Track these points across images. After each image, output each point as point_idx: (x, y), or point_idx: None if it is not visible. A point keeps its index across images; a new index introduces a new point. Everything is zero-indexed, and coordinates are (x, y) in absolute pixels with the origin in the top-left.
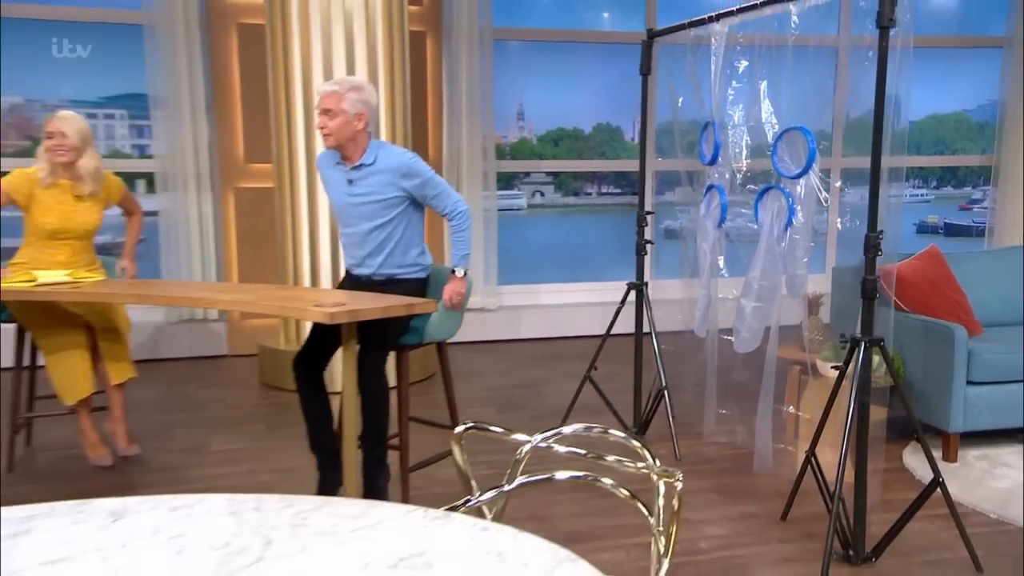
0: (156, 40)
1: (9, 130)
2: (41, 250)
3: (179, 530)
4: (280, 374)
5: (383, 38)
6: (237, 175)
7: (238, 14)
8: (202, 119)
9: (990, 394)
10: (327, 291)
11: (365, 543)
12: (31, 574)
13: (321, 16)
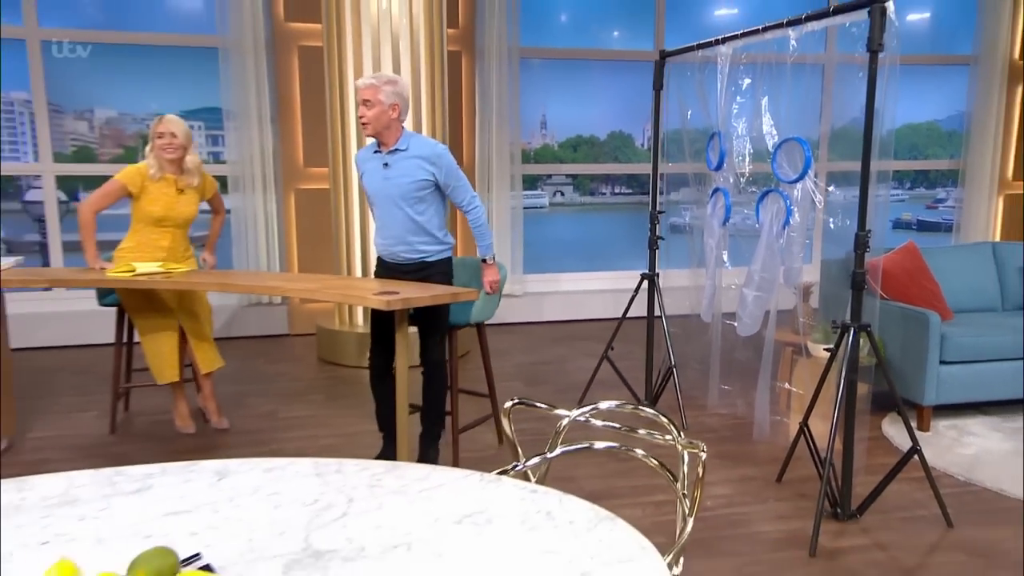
0: (229, 61)
1: (105, 140)
2: (147, 236)
3: (275, 488)
4: (335, 351)
5: (425, 58)
6: (297, 178)
7: (299, 38)
8: (268, 129)
9: (960, 372)
10: (380, 281)
11: (432, 502)
12: (157, 524)
13: (371, 39)
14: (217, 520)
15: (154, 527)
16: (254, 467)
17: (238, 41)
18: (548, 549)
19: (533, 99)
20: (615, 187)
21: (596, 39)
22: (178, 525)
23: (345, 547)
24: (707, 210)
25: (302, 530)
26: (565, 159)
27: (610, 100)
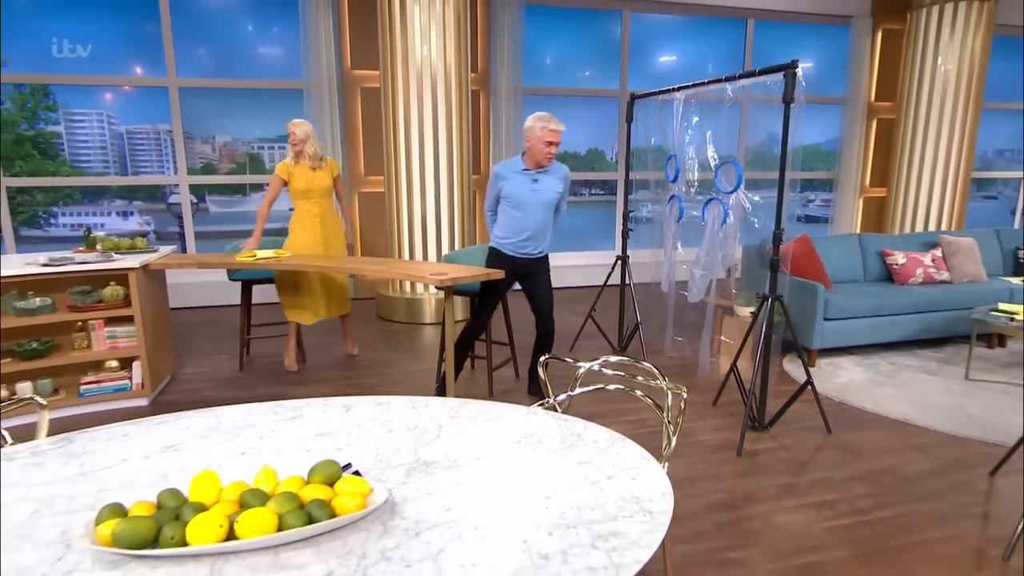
0: (311, 99)
1: (223, 157)
2: (302, 207)
3: (386, 418)
4: (390, 311)
5: (456, 95)
6: (360, 183)
7: (361, 81)
8: (338, 148)
9: (836, 326)
10: (431, 263)
11: (496, 428)
12: (311, 442)
13: (416, 82)
14: (352, 439)
15: (311, 444)
16: (368, 403)
17: (317, 84)
18: (582, 460)
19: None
20: (591, 189)
21: (572, 78)
22: (326, 443)
23: (443, 459)
24: (666, 210)
25: (411, 447)
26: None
27: (587, 125)
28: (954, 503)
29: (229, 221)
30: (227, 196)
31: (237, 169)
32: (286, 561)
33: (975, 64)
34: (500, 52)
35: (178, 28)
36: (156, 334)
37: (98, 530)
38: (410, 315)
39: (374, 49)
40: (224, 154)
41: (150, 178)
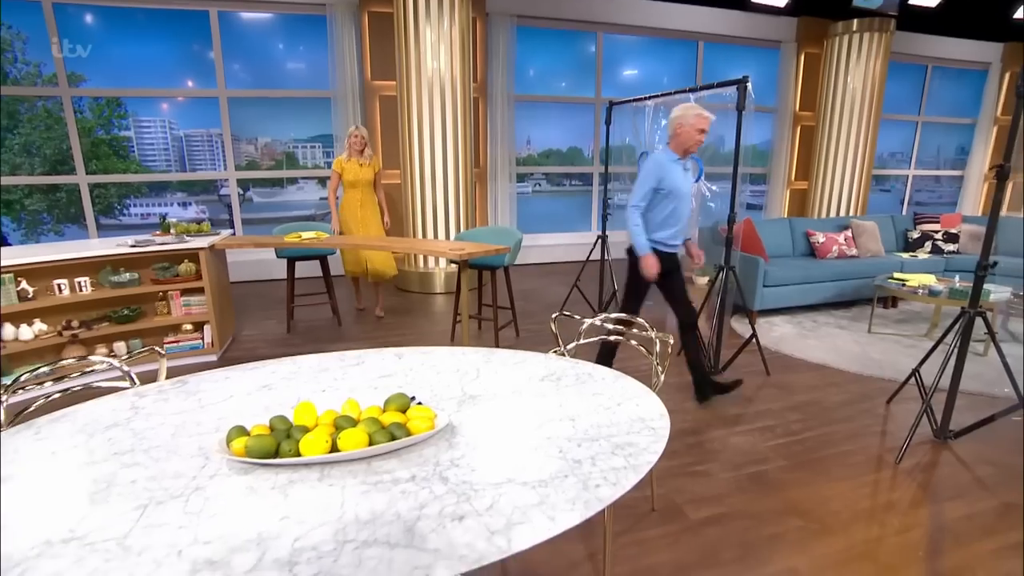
0: (337, 105)
1: (264, 156)
2: (349, 195)
3: (432, 363)
4: (406, 283)
5: (460, 102)
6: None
7: (380, 90)
8: None
9: (772, 292)
10: (447, 241)
11: (523, 370)
12: (376, 382)
13: (428, 90)
14: (408, 380)
15: (376, 383)
16: (415, 352)
17: (342, 93)
18: (595, 392)
19: (521, 125)
20: (571, 181)
21: (552, 88)
22: (388, 382)
23: (485, 393)
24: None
25: (458, 384)
26: (541, 163)
27: (568, 126)
28: (861, 424)
29: (270, 209)
30: (268, 188)
31: (276, 165)
32: (377, 467)
33: (876, 83)
34: (496, 64)
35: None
36: (221, 302)
37: (232, 445)
38: (423, 286)
39: (390, 63)
40: (265, 153)
41: (204, 174)
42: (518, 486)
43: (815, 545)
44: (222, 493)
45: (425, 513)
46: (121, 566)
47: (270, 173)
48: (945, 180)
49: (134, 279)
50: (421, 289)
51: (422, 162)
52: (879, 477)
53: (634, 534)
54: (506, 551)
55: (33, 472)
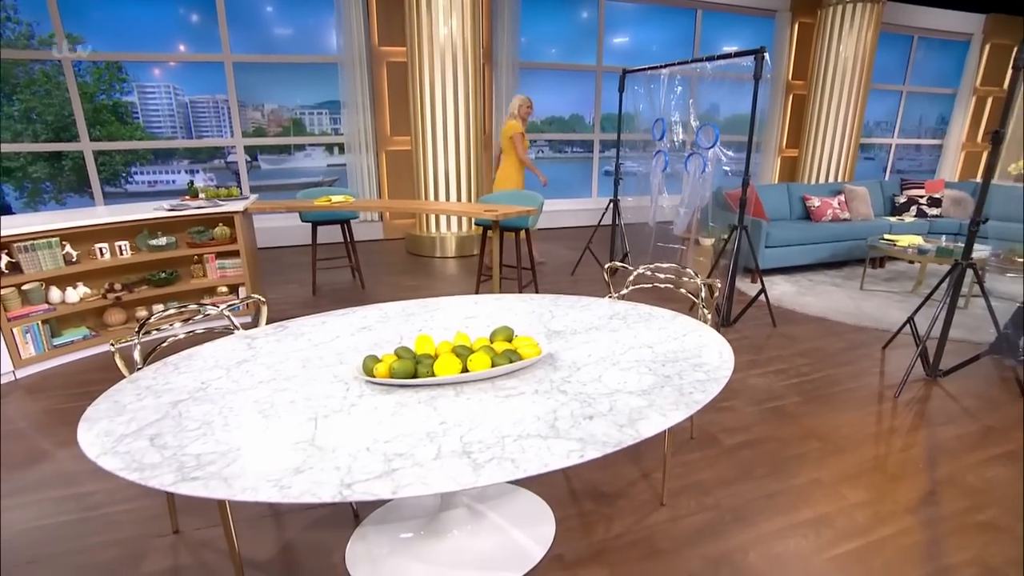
0: (344, 71)
1: (271, 123)
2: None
3: (508, 307)
4: (419, 247)
5: (472, 67)
6: (386, 143)
7: (387, 56)
8: (368, 112)
9: (774, 252)
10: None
11: (590, 311)
12: (464, 322)
13: (440, 57)
14: (491, 320)
15: (465, 323)
16: (488, 298)
17: (350, 58)
18: (660, 327)
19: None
20: (573, 148)
21: (550, 55)
22: (475, 322)
23: (565, 329)
24: (652, 163)
25: (539, 323)
26: (545, 130)
27: (570, 93)
28: (861, 367)
29: (279, 176)
30: (276, 155)
31: (283, 132)
32: (500, 386)
33: (866, 53)
34: (501, 31)
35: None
36: (252, 265)
37: (376, 368)
38: (435, 250)
39: (397, 28)
40: (272, 119)
41: (211, 140)
42: (626, 394)
43: (833, 461)
44: (376, 407)
45: (559, 415)
46: (323, 460)
47: (279, 140)
48: (925, 148)
49: (171, 243)
50: (432, 253)
51: (434, 128)
52: (881, 408)
53: (679, 457)
54: (637, 438)
55: (190, 396)
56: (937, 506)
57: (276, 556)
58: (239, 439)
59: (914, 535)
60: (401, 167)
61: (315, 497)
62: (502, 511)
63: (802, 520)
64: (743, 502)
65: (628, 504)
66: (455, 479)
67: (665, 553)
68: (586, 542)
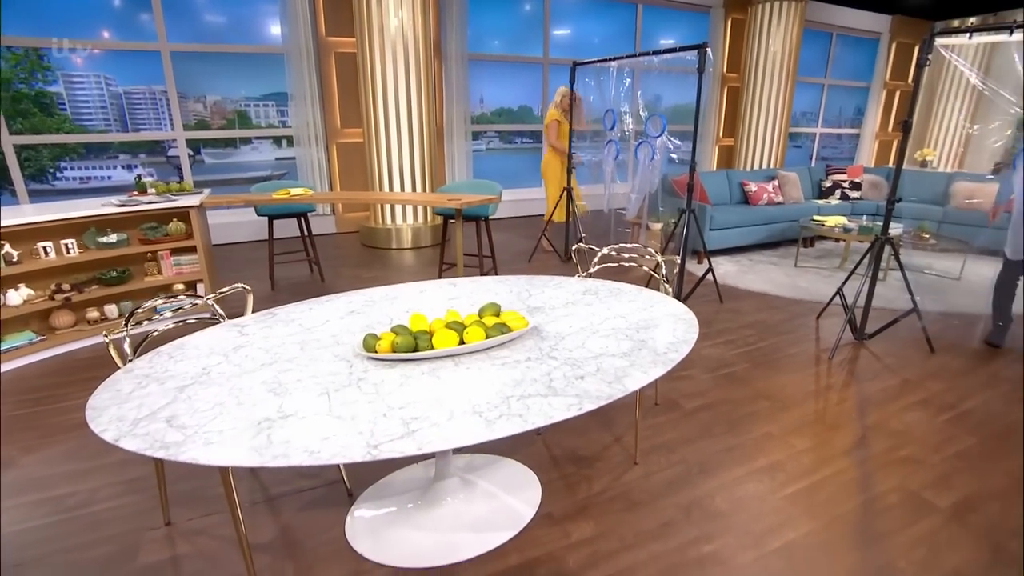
0: (290, 62)
1: (214, 115)
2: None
3: (487, 287)
4: (373, 239)
5: (423, 59)
6: (337, 135)
7: (335, 47)
8: (316, 104)
9: (717, 234)
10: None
11: (564, 289)
12: (448, 303)
13: (391, 48)
14: (474, 299)
15: (449, 304)
16: (465, 281)
17: (296, 49)
18: (629, 300)
19: (475, 85)
20: (523, 139)
21: (497, 47)
22: (458, 302)
23: (544, 305)
24: (604, 152)
25: (518, 300)
26: (494, 121)
27: (518, 85)
28: (799, 335)
29: (224, 171)
30: (220, 149)
31: (228, 125)
32: (494, 355)
33: (792, 48)
34: (449, 23)
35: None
36: (210, 261)
37: (379, 344)
38: (391, 242)
39: (345, 19)
40: (215, 111)
41: (150, 134)
42: (610, 357)
43: (781, 416)
44: (383, 380)
45: (553, 376)
46: (344, 428)
47: (223, 133)
48: (845, 137)
49: (123, 240)
50: (388, 245)
51: (387, 120)
52: (818, 369)
53: (646, 421)
54: (624, 391)
55: (194, 380)
56: (867, 448)
57: (276, 537)
58: (257, 415)
59: (850, 472)
60: (353, 160)
61: (345, 458)
62: (491, 479)
63: (758, 467)
64: (706, 456)
65: (605, 465)
66: (472, 434)
67: (642, 504)
68: (571, 500)
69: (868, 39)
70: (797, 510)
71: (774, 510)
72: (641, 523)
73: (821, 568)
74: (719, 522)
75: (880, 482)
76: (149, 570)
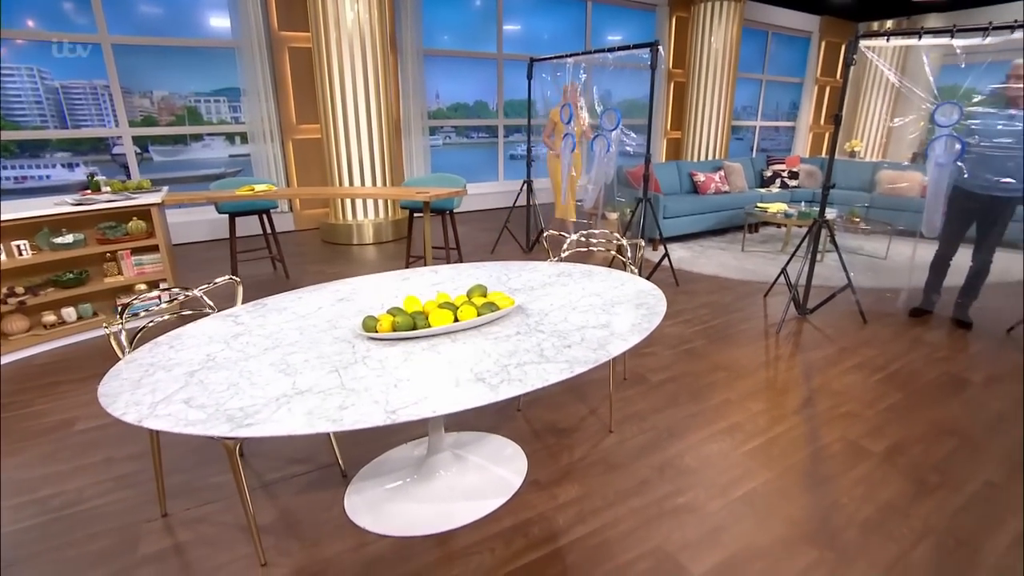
0: (243, 57)
1: (162, 111)
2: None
3: (468, 273)
4: (334, 236)
5: (380, 55)
6: (293, 131)
7: (288, 41)
8: (271, 100)
9: (670, 222)
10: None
11: (539, 272)
12: (434, 288)
13: (348, 43)
14: (457, 284)
15: (435, 289)
16: (447, 267)
17: (248, 43)
18: (601, 280)
19: (431, 80)
20: (479, 133)
21: (450, 43)
22: (444, 286)
23: (524, 287)
24: (562, 144)
25: (499, 282)
26: (451, 117)
27: (472, 80)
28: (749, 312)
29: (174, 168)
30: (170, 146)
31: (177, 121)
32: (486, 331)
33: (732, 45)
34: (404, 17)
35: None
36: (172, 260)
37: (380, 323)
38: (352, 238)
39: (298, 13)
40: (163, 107)
41: (93, 131)
42: (591, 329)
43: (737, 384)
44: (386, 357)
45: (543, 346)
46: (360, 398)
47: (173, 129)
48: (783, 130)
49: (79, 240)
50: (349, 241)
51: (345, 116)
52: (768, 342)
53: (618, 394)
54: (608, 356)
55: (201, 366)
56: (812, 407)
57: (277, 519)
58: (272, 392)
59: (799, 428)
60: (309, 156)
61: (366, 423)
62: (480, 453)
63: (720, 429)
64: (673, 422)
65: (583, 435)
66: (479, 397)
67: (620, 467)
68: (555, 467)
69: (800, 38)
70: (755, 463)
71: (736, 464)
72: (620, 483)
73: (779, 509)
74: (689, 477)
75: (824, 435)
76: (152, 559)
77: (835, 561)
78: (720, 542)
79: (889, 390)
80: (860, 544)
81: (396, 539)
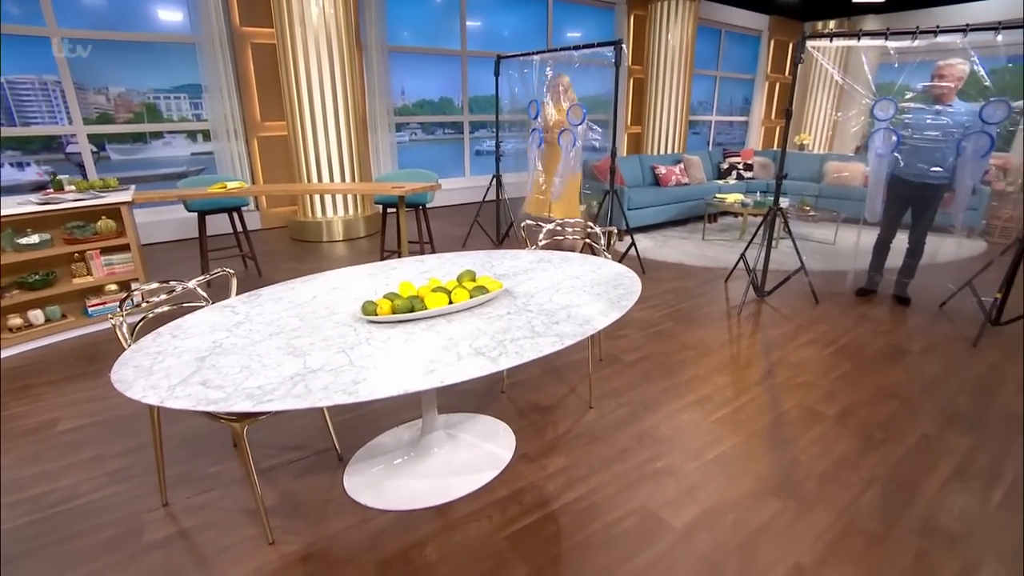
0: (204, 53)
1: (119, 108)
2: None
3: (453, 261)
4: (303, 233)
5: (347, 52)
6: (257, 129)
7: (251, 37)
8: (233, 96)
9: (634, 214)
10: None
11: (520, 259)
12: (424, 275)
13: (313, 39)
14: (445, 271)
15: (425, 276)
16: (432, 257)
17: (208, 39)
18: (580, 264)
19: (396, 76)
20: (444, 130)
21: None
22: (433, 273)
23: (510, 272)
24: (529, 139)
25: (485, 269)
26: (416, 113)
27: (437, 77)
28: (712, 296)
29: (133, 167)
30: (128, 144)
31: (135, 119)
32: (479, 312)
33: (688, 43)
34: (369, 14)
35: None
36: (143, 260)
37: (379, 307)
38: (322, 235)
39: (260, 8)
40: (120, 104)
41: (42, 128)
42: (575, 307)
43: (704, 361)
44: (388, 338)
45: (534, 323)
46: (370, 374)
47: (131, 127)
48: (737, 124)
49: (46, 240)
50: (319, 238)
51: (312, 112)
52: (730, 323)
53: (595, 374)
54: (594, 330)
55: (210, 352)
56: (773, 378)
57: (279, 502)
58: (286, 372)
59: (762, 397)
60: (275, 153)
61: (381, 394)
62: (470, 432)
63: (690, 401)
64: (648, 397)
65: (565, 411)
66: (481, 367)
67: (602, 438)
68: (542, 441)
69: (751, 36)
70: (724, 429)
71: (706, 431)
72: (603, 452)
73: (747, 468)
74: (665, 444)
75: (784, 402)
76: (159, 544)
77: (797, 509)
78: (696, 498)
79: (839, 361)
80: (818, 493)
81: (398, 513)
